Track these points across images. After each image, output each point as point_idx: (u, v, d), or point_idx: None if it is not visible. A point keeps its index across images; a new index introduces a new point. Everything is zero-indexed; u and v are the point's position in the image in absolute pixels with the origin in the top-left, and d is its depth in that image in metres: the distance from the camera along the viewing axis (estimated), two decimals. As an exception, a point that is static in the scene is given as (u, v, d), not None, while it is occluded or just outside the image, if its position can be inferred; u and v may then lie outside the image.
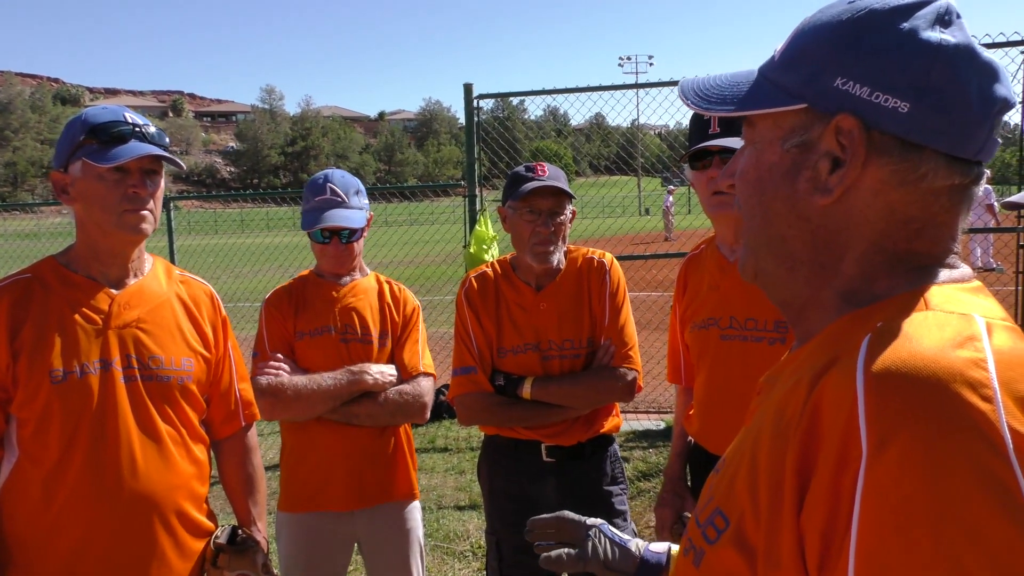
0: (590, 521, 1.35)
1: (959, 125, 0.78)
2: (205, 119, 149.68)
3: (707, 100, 0.91)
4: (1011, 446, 0.62)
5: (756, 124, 0.89)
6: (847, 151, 0.80)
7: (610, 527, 1.34)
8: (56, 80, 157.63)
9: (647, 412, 6.82)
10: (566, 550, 1.33)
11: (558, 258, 2.52)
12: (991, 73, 0.79)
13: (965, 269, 0.84)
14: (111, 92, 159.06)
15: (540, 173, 2.44)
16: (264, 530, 2.25)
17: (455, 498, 5.17)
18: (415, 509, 2.72)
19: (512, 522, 2.55)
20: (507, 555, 2.57)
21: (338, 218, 2.54)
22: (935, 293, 0.78)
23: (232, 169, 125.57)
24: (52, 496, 1.82)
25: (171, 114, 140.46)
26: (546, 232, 2.44)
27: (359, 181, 2.69)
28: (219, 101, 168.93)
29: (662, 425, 6.46)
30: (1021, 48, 5.80)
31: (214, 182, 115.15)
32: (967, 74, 0.77)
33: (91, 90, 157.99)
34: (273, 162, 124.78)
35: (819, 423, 0.71)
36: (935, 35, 0.77)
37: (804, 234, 0.85)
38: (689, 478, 2.49)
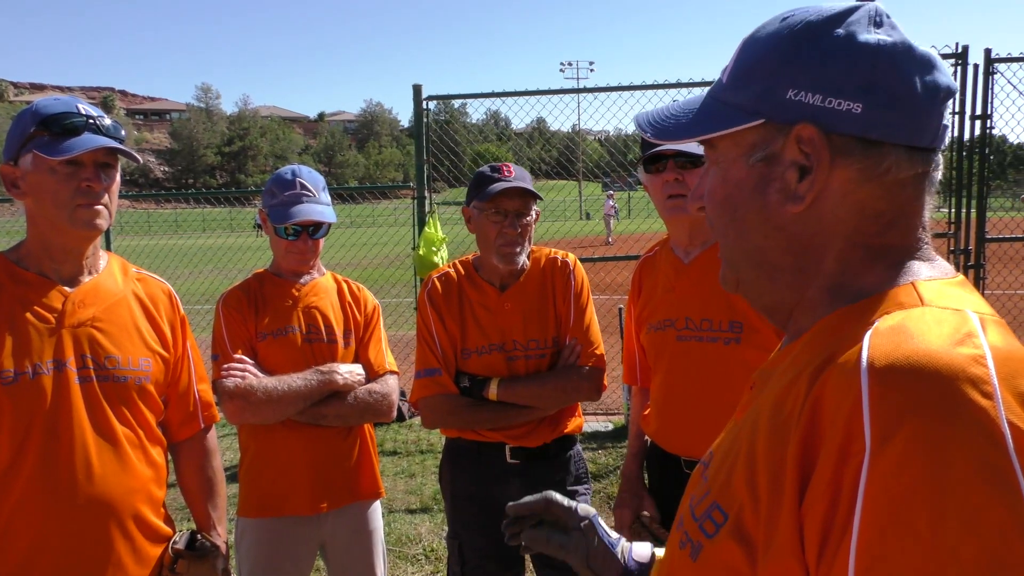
0: (582, 510, 1.28)
1: (911, 116, 0.82)
2: (137, 117, 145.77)
3: (664, 132, 0.94)
4: (1010, 441, 0.64)
5: (717, 145, 0.91)
6: (811, 158, 0.83)
7: (602, 522, 1.29)
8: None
9: (595, 414, 6.88)
10: (547, 531, 1.26)
11: (523, 259, 2.51)
12: (929, 64, 0.83)
13: (946, 264, 0.87)
14: (37, 87, 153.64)
15: (506, 174, 2.43)
16: (224, 535, 2.19)
17: (406, 501, 5.13)
18: (378, 509, 2.70)
19: (474, 525, 2.54)
20: (470, 559, 2.55)
21: (311, 212, 2.49)
22: (926, 288, 0.81)
23: (166, 169, 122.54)
24: (2, 500, 1.75)
25: (102, 110, 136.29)
26: (513, 233, 2.43)
27: (323, 178, 2.65)
28: (152, 99, 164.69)
29: (611, 426, 6.52)
30: (952, 61, 6.05)
31: (147, 182, 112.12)
32: (909, 68, 0.82)
33: (16, 85, 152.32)
34: (209, 162, 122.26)
35: (821, 417, 0.73)
36: (872, 36, 0.81)
37: (780, 243, 0.88)
38: (647, 478, 2.52)
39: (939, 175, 0.87)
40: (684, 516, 0.92)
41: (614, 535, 1.27)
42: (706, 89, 0.96)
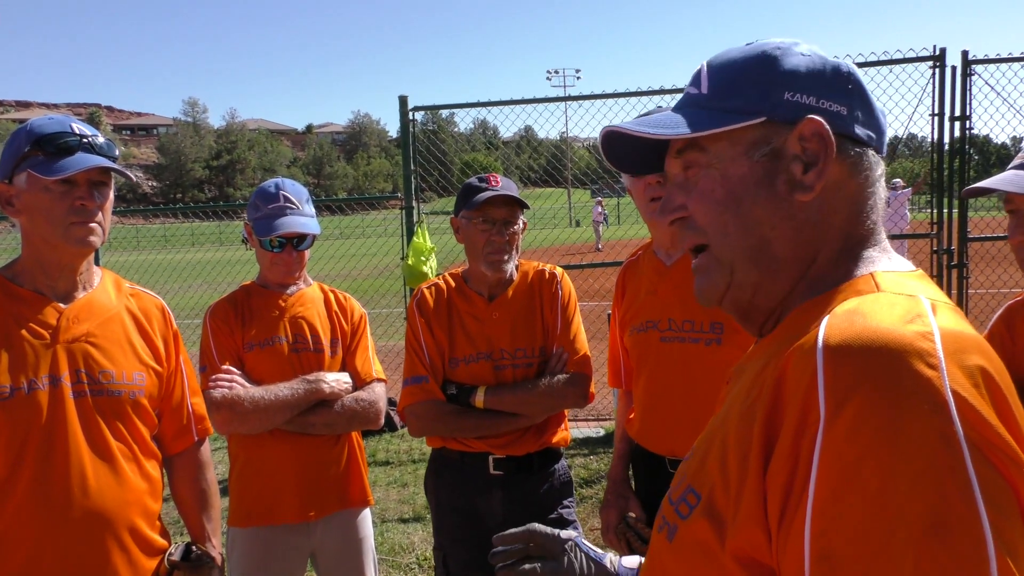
0: (564, 534, 1.31)
1: (877, 122, 0.95)
2: (124, 132, 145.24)
3: (663, 127, 0.96)
4: (954, 408, 0.69)
5: (709, 148, 0.95)
6: (809, 153, 0.91)
7: (585, 541, 1.31)
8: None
9: (586, 420, 6.91)
10: (537, 564, 1.28)
11: (511, 268, 2.56)
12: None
13: (903, 259, 0.94)
14: (23, 104, 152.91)
15: (493, 183, 2.49)
16: (219, 546, 2.22)
17: (399, 511, 5.15)
18: (368, 517, 2.73)
19: (459, 536, 2.57)
20: (454, 570, 2.58)
21: (295, 224, 2.53)
22: (883, 278, 0.88)
23: (154, 184, 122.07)
24: None
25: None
26: (500, 241, 2.48)
27: (307, 190, 2.69)
28: (139, 114, 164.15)
29: (601, 432, 6.56)
30: (930, 63, 6.13)
31: (135, 197, 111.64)
32: (864, 83, 0.95)
33: (1, 103, 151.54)
34: (197, 176, 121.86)
35: (782, 393, 0.78)
36: (831, 55, 0.95)
37: (789, 232, 0.93)
38: (632, 480, 2.56)
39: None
40: (664, 504, 0.97)
41: (599, 550, 1.30)
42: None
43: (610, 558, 1.28)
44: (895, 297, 0.82)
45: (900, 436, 0.68)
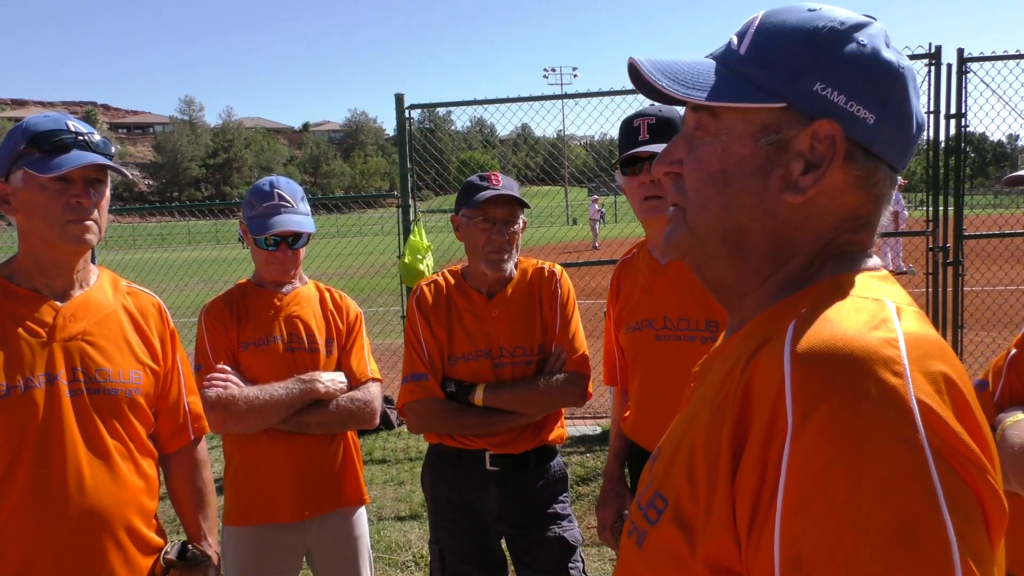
0: None
1: (905, 140, 0.87)
2: (121, 131, 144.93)
3: (681, 83, 0.90)
4: (918, 416, 0.70)
5: (722, 116, 0.89)
6: (817, 154, 0.86)
7: None
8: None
9: (583, 417, 6.92)
10: None
11: (511, 266, 2.56)
12: (918, 97, 0.89)
13: (876, 259, 0.93)
14: (18, 103, 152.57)
15: (495, 182, 2.49)
16: (215, 545, 2.22)
17: (395, 509, 5.15)
18: (363, 515, 2.73)
19: (455, 530, 2.58)
20: (450, 564, 2.59)
21: (290, 223, 2.53)
22: (852, 281, 0.86)
23: (151, 182, 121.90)
24: None
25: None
26: (501, 240, 2.49)
27: (302, 188, 2.69)
28: (135, 112, 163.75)
29: (598, 430, 6.57)
30: (926, 61, 6.15)
31: (132, 196, 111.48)
32: (914, 95, 0.87)
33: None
34: (194, 175, 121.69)
35: (751, 399, 0.78)
36: (892, 56, 0.86)
37: (766, 228, 0.90)
38: (628, 477, 2.56)
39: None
40: (633, 508, 0.96)
41: None
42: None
43: None
44: (861, 301, 0.82)
45: (866, 444, 0.69)
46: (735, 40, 0.92)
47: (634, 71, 0.94)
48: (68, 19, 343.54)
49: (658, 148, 2.16)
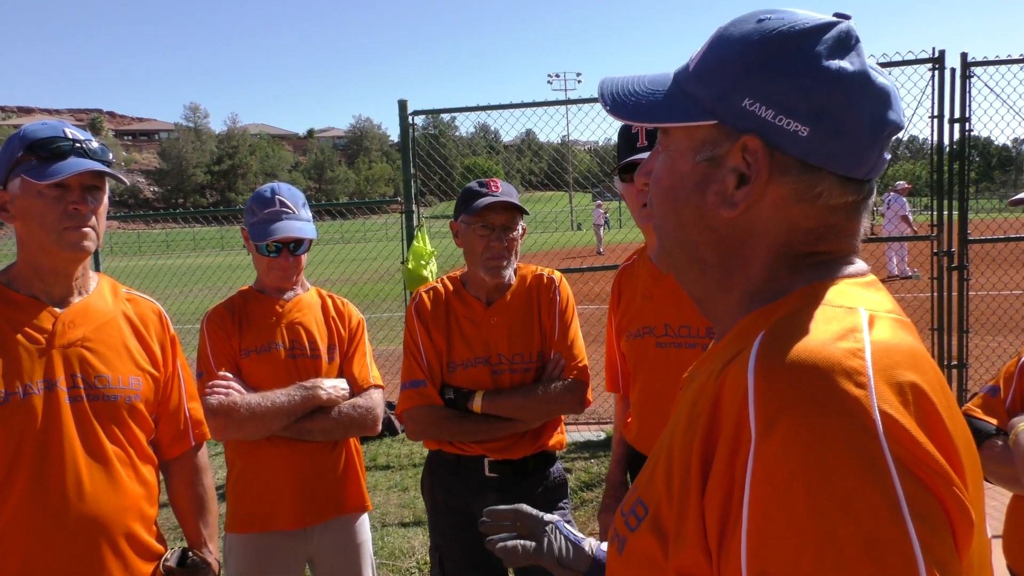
0: (547, 517, 1.38)
1: (852, 149, 0.83)
2: (126, 138, 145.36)
3: (623, 108, 0.94)
4: (881, 427, 0.69)
5: (670, 132, 0.92)
6: (751, 169, 0.85)
7: (566, 525, 1.38)
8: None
9: (587, 423, 6.90)
10: (522, 542, 1.35)
11: (510, 273, 2.56)
12: (884, 98, 0.85)
13: (861, 265, 0.91)
14: (24, 111, 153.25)
15: (493, 189, 2.49)
16: (216, 552, 2.21)
17: (399, 515, 5.14)
18: (366, 522, 2.72)
19: (455, 536, 2.58)
20: (450, 570, 2.58)
21: (291, 229, 2.53)
22: (827, 289, 0.85)
23: (156, 189, 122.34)
24: None
25: (89, 133, 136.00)
26: (499, 247, 2.48)
27: (303, 194, 2.69)
28: (140, 119, 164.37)
29: (602, 435, 6.55)
30: (929, 65, 6.13)
31: (137, 202, 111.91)
32: (861, 101, 0.83)
33: (3, 109, 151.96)
34: (199, 181, 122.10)
35: (719, 411, 0.78)
36: (835, 63, 0.82)
37: (712, 242, 0.90)
38: (630, 484, 2.55)
39: (872, 200, 0.90)
40: (616, 514, 0.96)
41: (579, 534, 1.36)
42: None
43: (589, 543, 1.33)
44: (833, 311, 0.80)
45: (827, 457, 0.68)
46: (693, 56, 0.93)
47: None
48: (73, 27, 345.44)
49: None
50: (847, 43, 0.84)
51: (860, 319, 0.78)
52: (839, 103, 0.82)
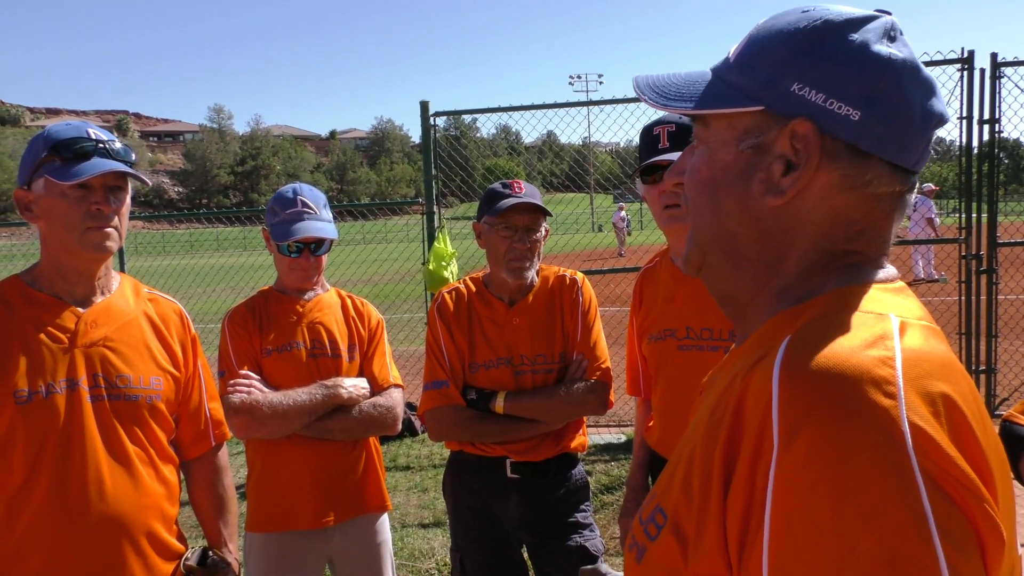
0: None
1: (903, 135, 0.82)
2: (151, 139, 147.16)
3: (665, 96, 0.92)
4: (910, 440, 0.66)
5: (710, 124, 0.90)
6: (800, 155, 0.83)
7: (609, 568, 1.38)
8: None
9: (607, 426, 6.87)
10: None
11: (532, 274, 2.55)
12: (930, 89, 0.84)
13: (891, 270, 0.89)
14: (53, 112, 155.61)
15: (517, 190, 2.48)
16: (236, 551, 2.21)
17: (419, 516, 5.14)
18: (385, 522, 2.72)
19: (476, 538, 2.57)
20: (471, 572, 2.57)
21: (313, 229, 2.53)
22: (858, 293, 0.83)
23: (180, 189, 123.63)
24: (15, 519, 1.77)
25: (116, 134, 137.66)
26: (522, 248, 2.47)
27: (324, 195, 2.70)
28: (166, 121, 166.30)
29: (623, 438, 6.51)
30: (958, 66, 6.04)
31: (161, 203, 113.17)
32: (911, 88, 0.82)
33: (31, 110, 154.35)
34: (222, 182, 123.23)
35: (742, 417, 0.75)
36: (884, 49, 0.82)
37: (754, 232, 0.88)
38: (651, 488, 2.52)
39: (912, 197, 0.88)
40: (635, 523, 0.94)
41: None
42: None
43: None
44: (863, 316, 0.78)
45: (852, 468, 0.66)
46: (730, 49, 0.92)
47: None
48: (101, 31, 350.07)
49: (677, 156, 2.13)
50: (892, 33, 0.84)
51: (891, 326, 0.76)
52: (890, 87, 0.81)
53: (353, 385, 2.55)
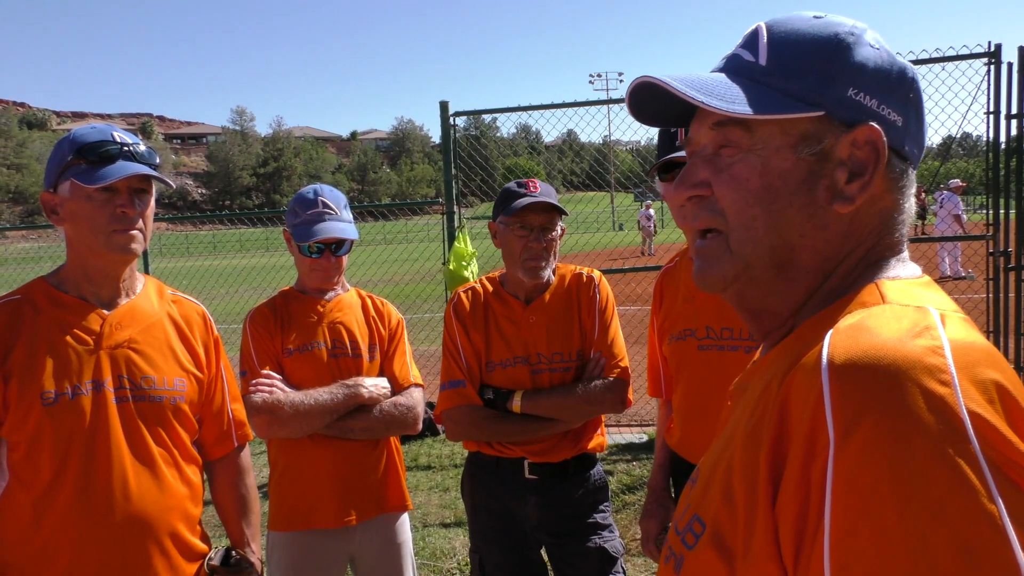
0: None
1: (922, 136, 0.89)
2: (175, 141, 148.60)
3: (718, 98, 0.84)
4: (970, 427, 0.65)
5: (756, 130, 0.85)
6: (858, 161, 0.83)
7: None
8: (22, 104, 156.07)
9: (629, 425, 6.84)
10: None
11: (548, 273, 2.54)
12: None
13: (914, 267, 0.89)
14: (78, 116, 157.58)
15: (532, 189, 2.47)
16: (259, 551, 2.23)
17: (440, 515, 5.15)
18: (406, 521, 2.73)
19: (494, 539, 2.56)
20: (490, 573, 2.57)
21: (334, 230, 2.54)
22: (889, 287, 0.82)
23: (203, 191, 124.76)
24: (42, 520, 1.80)
25: (140, 137, 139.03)
26: (538, 247, 2.46)
27: (345, 196, 2.71)
28: (189, 123, 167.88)
29: (644, 438, 6.48)
30: (985, 60, 5.95)
31: (185, 204, 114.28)
32: (922, 95, 0.89)
33: (58, 114, 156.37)
34: (245, 183, 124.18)
35: (788, 417, 0.74)
36: (900, 59, 0.87)
37: (816, 242, 0.86)
38: (672, 489, 2.51)
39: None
40: (670, 533, 0.93)
41: None
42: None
43: None
44: (902, 309, 0.77)
45: (915, 460, 0.64)
46: (746, 54, 0.89)
47: (647, 90, 0.89)
48: (126, 36, 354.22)
49: None
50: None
51: (932, 317, 0.75)
52: (916, 92, 0.87)
53: (374, 385, 2.55)
